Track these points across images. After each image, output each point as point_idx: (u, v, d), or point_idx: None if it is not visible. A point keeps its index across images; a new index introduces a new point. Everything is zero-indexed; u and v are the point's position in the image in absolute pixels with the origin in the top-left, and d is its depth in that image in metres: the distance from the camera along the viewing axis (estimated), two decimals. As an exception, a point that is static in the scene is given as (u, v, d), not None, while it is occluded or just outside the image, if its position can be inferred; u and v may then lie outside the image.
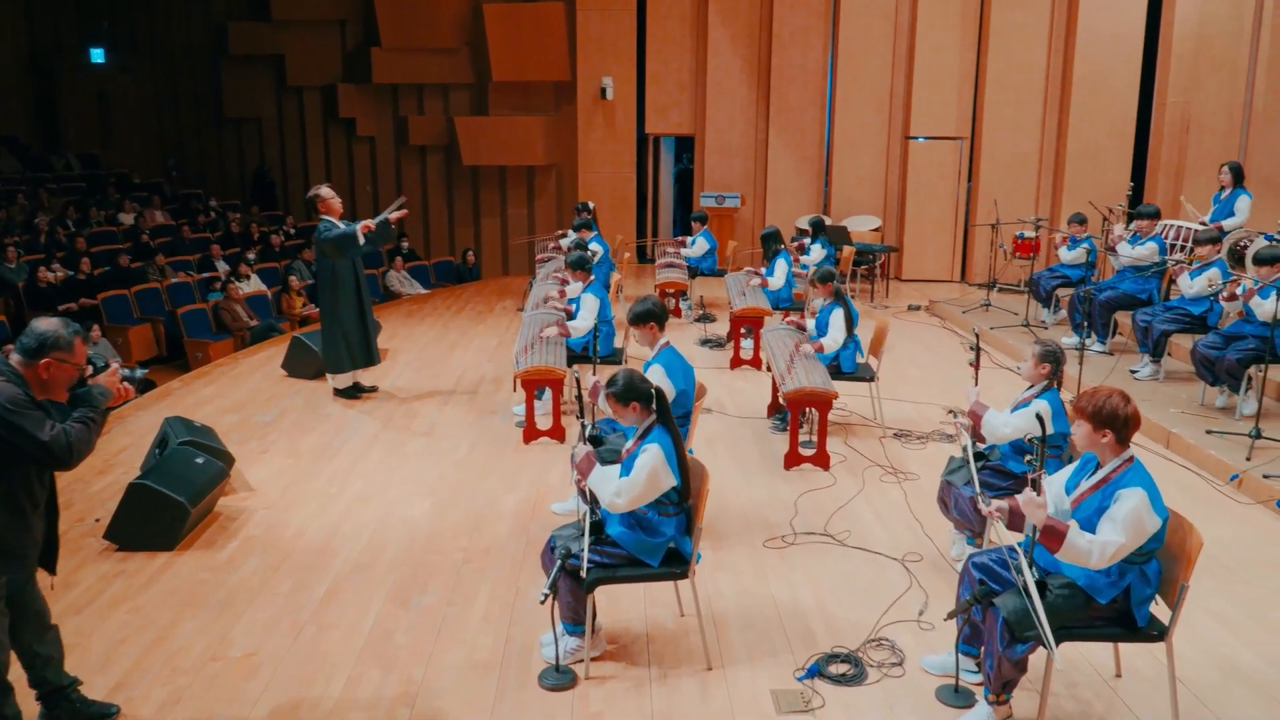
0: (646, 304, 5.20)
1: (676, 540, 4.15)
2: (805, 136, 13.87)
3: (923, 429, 7.20)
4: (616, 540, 4.10)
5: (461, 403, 7.97)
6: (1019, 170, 12.94)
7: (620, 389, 4.10)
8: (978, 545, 4.95)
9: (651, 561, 4.09)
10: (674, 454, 4.08)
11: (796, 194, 14.01)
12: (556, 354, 6.99)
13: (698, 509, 4.12)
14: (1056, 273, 9.89)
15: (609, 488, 4.02)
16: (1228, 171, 9.01)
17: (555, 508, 5.75)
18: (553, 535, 4.25)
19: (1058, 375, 4.79)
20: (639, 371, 4.23)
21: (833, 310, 7.00)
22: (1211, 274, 7.65)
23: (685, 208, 15.72)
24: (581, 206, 11.91)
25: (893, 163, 13.56)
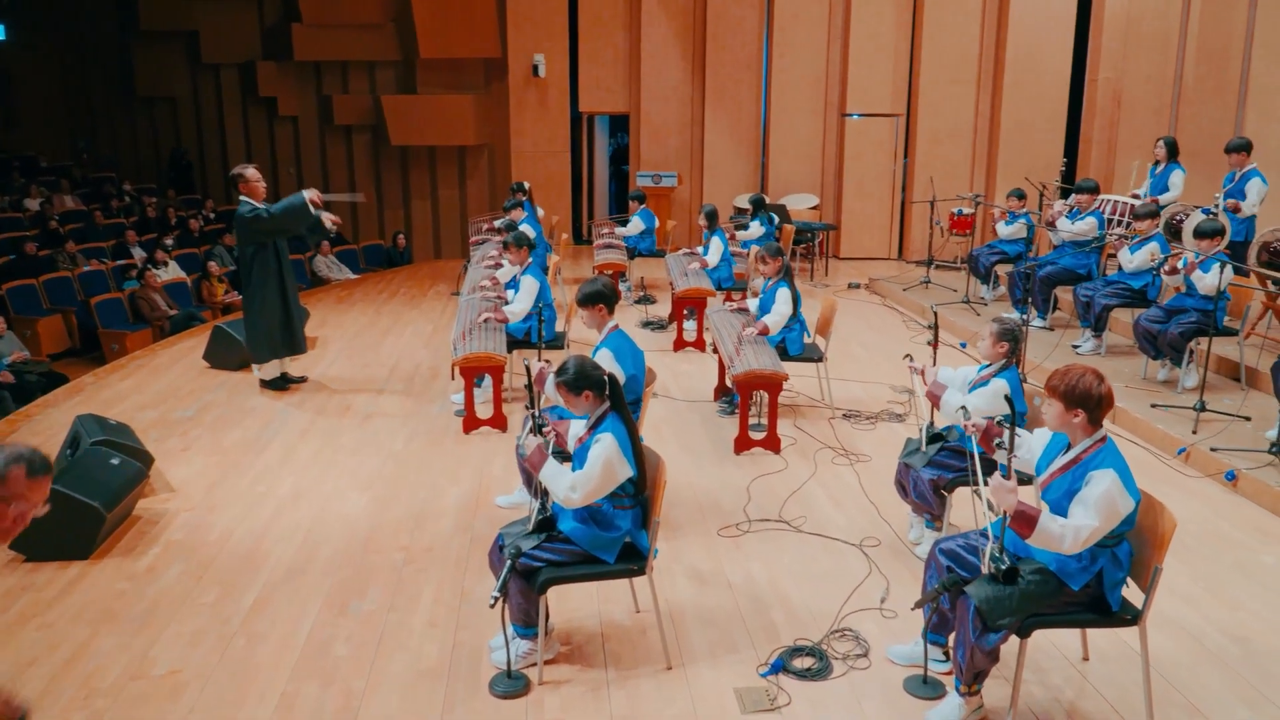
0: (596, 285, 4.96)
1: (633, 534, 3.94)
2: (741, 114, 13.70)
3: (872, 409, 7.10)
4: (570, 536, 3.87)
5: (397, 392, 7.64)
6: (954, 147, 12.95)
7: (571, 377, 3.86)
8: (937, 529, 4.84)
9: (607, 558, 3.87)
10: (629, 443, 3.86)
11: (734, 173, 13.85)
12: (496, 340, 6.71)
13: (655, 500, 3.91)
14: (995, 249, 9.89)
15: (563, 483, 3.78)
16: (1163, 146, 9.07)
17: (500, 501, 5.50)
18: (501, 533, 4.00)
19: (1016, 353, 4.69)
20: (589, 358, 3.99)
21: (779, 289, 6.84)
22: (1151, 248, 7.67)
23: (621, 188, 15.47)
24: (516, 187, 11.59)
25: (829, 140, 13.47)
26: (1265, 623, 4.29)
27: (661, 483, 3.90)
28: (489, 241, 10.79)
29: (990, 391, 4.59)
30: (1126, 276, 7.85)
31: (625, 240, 10.94)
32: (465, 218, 15.01)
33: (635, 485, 3.91)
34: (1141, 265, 7.72)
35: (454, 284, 11.89)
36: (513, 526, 4.03)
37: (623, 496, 3.90)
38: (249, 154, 16.03)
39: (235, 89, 16.09)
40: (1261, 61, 9.07)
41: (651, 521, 3.91)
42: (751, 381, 6.13)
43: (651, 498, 3.96)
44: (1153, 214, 7.72)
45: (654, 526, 3.87)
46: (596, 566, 3.86)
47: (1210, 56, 9.79)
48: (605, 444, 3.78)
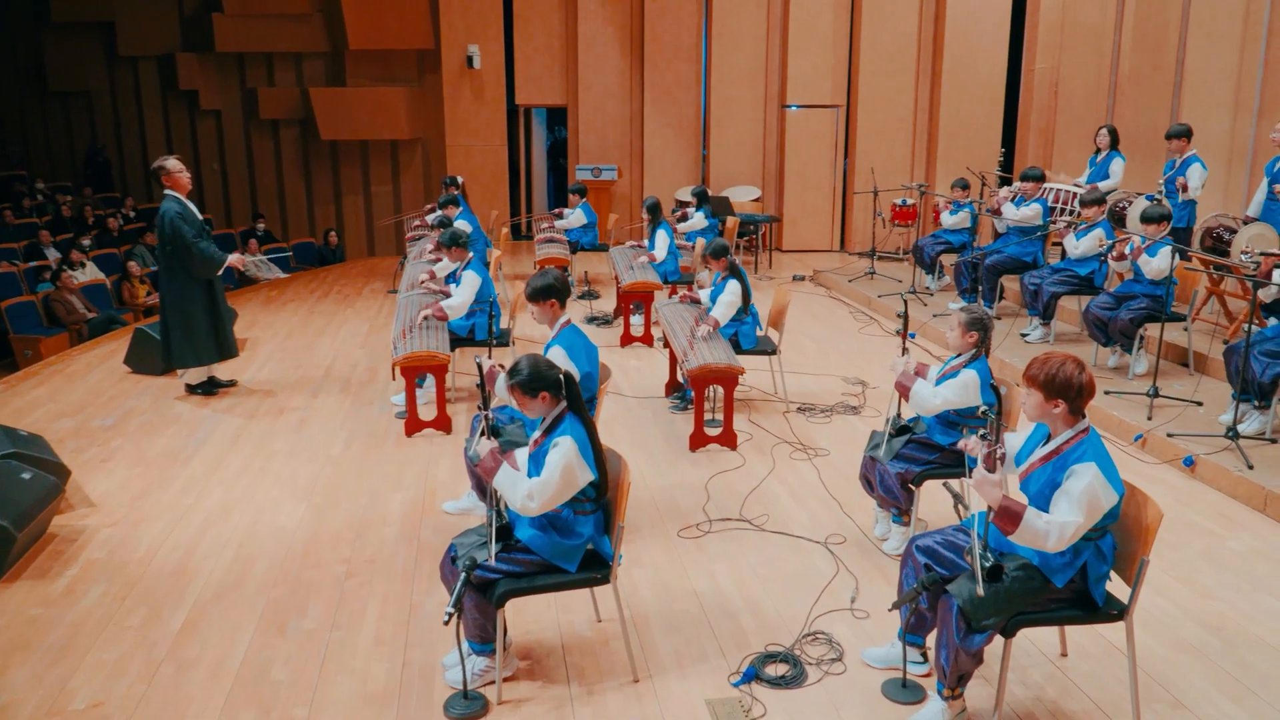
0: (547, 278, 4.70)
1: (595, 541, 3.70)
2: (681, 106, 13.53)
3: (826, 402, 6.96)
4: (528, 545, 3.62)
5: (333, 394, 7.28)
6: (894, 138, 12.94)
7: (526, 377, 3.60)
8: (905, 524, 4.69)
9: (568, 567, 3.63)
10: (589, 446, 3.62)
11: (674, 165, 13.68)
12: (439, 338, 6.41)
13: (618, 504, 3.68)
14: (939, 239, 9.85)
15: (520, 490, 3.52)
16: (1105, 134, 9.10)
17: (447, 507, 5.22)
18: (453, 543, 3.73)
19: (986, 343, 4.56)
20: (543, 356, 3.74)
21: (727, 283, 6.65)
22: (1097, 234, 7.65)
23: (560, 181, 15.21)
24: (449, 181, 11.24)
25: (770, 132, 13.37)
26: (1239, 612, 4.22)
27: (625, 485, 3.66)
28: (425, 237, 10.44)
29: (960, 383, 4.45)
30: (1073, 264, 7.83)
31: (567, 234, 10.69)
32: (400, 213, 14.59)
33: (596, 489, 3.67)
34: (1088, 252, 7.70)
35: (390, 282, 11.51)
36: (465, 536, 3.76)
37: (584, 501, 3.66)
38: (170, 150, 15.36)
39: (154, 82, 15.41)
40: (1197, 49, 9.16)
41: (615, 526, 3.68)
42: (706, 376, 5.94)
43: (614, 501, 3.73)
44: (1098, 201, 7.71)
45: (618, 532, 3.63)
46: (558, 576, 3.62)
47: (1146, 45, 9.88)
48: (564, 448, 3.53)
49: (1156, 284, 6.86)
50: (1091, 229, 7.71)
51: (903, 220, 12.12)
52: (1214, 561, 4.67)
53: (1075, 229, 7.85)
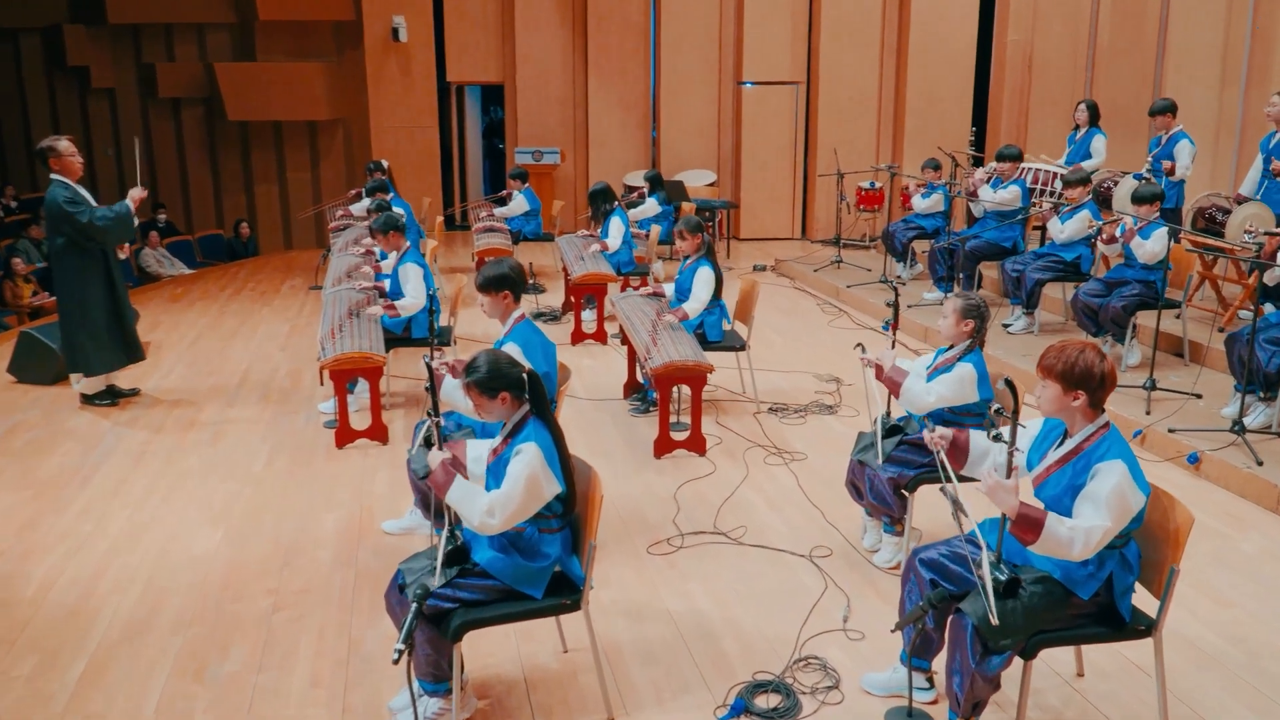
0: (501, 267, 4.51)
1: (563, 562, 3.52)
2: (629, 84, 13.38)
3: (799, 401, 6.86)
4: (487, 569, 3.42)
5: (252, 403, 6.99)
6: (857, 116, 12.93)
7: (484, 375, 3.41)
8: (897, 533, 4.59)
9: (534, 592, 3.44)
10: (555, 453, 3.44)
11: (622, 147, 13.53)
12: (372, 337, 6.17)
13: (588, 520, 3.50)
14: (911, 224, 9.83)
15: (478, 506, 3.33)
16: (1084, 109, 9.16)
17: (388, 527, 5.01)
18: (400, 569, 3.52)
19: (982, 333, 4.48)
20: (503, 352, 3.55)
21: (699, 268, 6.51)
22: (1083, 217, 7.66)
23: (497, 166, 14.99)
24: (375, 166, 10.98)
25: (725, 111, 13.29)
26: (1259, 620, 4.19)
27: (596, 498, 3.49)
28: (351, 227, 10.16)
29: (956, 378, 4.37)
30: (1058, 248, 7.84)
31: (507, 223, 10.47)
32: (320, 202, 14.21)
33: (564, 503, 3.49)
34: (1074, 235, 7.71)
35: (312, 277, 11.19)
36: (414, 560, 3.55)
37: (549, 518, 3.47)
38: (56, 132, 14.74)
39: (38, 58, 14.80)
40: (1180, 18, 9.26)
41: (585, 545, 3.50)
42: (672, 375, 5.79)
43: (583, 517, 3.55)
44: (1083, 181, 7.72)
45: (589, 551, 3.46)
46: (521, 604, 3.43)
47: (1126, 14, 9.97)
48: (528, 456, 3.34)
49: (1150, 269, 6.88)
50: (1077, 211, 7.72)
51: (869, 205, 12.12)
52: (1227, 566, 4.64)
53: (1059, 211, 7.86)
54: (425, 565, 3.50)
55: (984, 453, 3.53)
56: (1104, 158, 9.05)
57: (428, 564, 3.50)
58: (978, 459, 3.55)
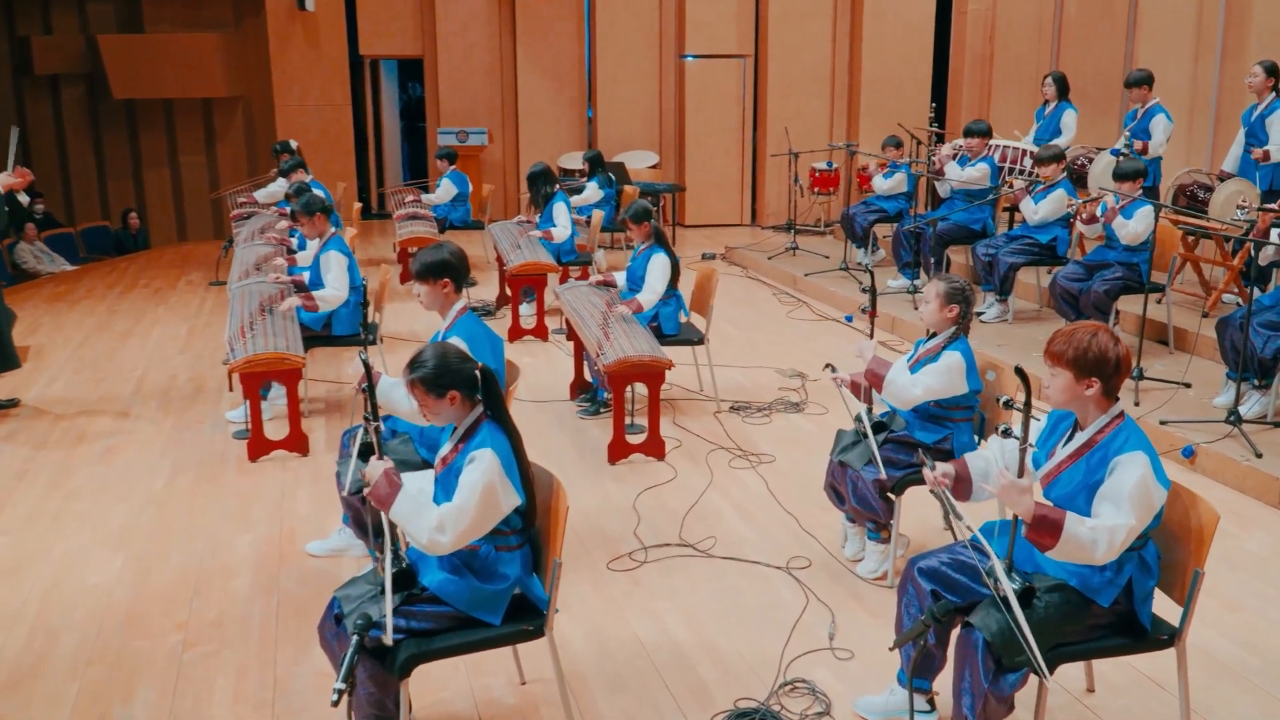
0: (441, 252, 4.34)
1: (523, 583, 3.35)
2: (562, 57, 13.23)
3: (762, 398, 6.79)
4: (438, 594, 3.24)
5: (149, 413, 6.71)
6: (809, 92, 12.93)
7: (431, 372, 3.23)
8: (883, 540, 4.51)
9: (491, 619, 3.27)
10: (514, 460, 3.27)
11: (556, 127, 13.39)
12: (289, 336, 5.94)
13: (552, 535, 3.34)
14: (872, 206, 9.82)
15: (426, 522, 3.14)
16: (1051, 84, 9.23)
17: (313, 549, 4.80)
18: (335, 597, 3.32)
19: (968, 318, 4.42)
20: (453, 345, 3.37)
21: (651, 256, 6.39)
22: (1058, 196, 7.70)
23: (417, 148, 14.77)
24: (282, 147, 10.68)
25: (667, 88, 13.20)
26: (1272, 623, 4.18)
27: (560, 510, 3.33)
28: (257, 215, 9.85)
29: (943, 368, 4.31)
30: (1032, 230, 7.87)
31: (434, 210, 10.25)
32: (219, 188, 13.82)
33: (523, 517, 3.33)
34: (1049, 216, 7.75)
35: (212, 271, 10.84)
36: (351, 586, 3.36)
37: (508, 533, 3.31)
38: (-83, 114, 14.16)
39: (-108, 29, 14.16)
40: (1153, -14, 9.37)
41: (549, 563, 3.34)
42: (626, 372, 5.65)
43: (546, 531, 3.39)
44: (1057, 157, 7.75)
45: (554, 570, 3.29)
46: (478, 632, 3.26)
47: (1094, -18, 10.08)
48: (483, 464, 3.17)
49: (1133, 250, 6.92)
50: (1051, 189, 7.75)
51: (824, 188, 12.11)
52: (1234, 566, 4.65)
53: (1032, 190, 7.89)
54: (366, 591, 3.30)
55: (984, 473, 3.44)
56: (1075, 134, 9.12)
57: (368, 590, 3.30)
58: (980, 481, 3.46)
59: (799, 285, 9.85)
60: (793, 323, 8.78)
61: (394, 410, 4.24)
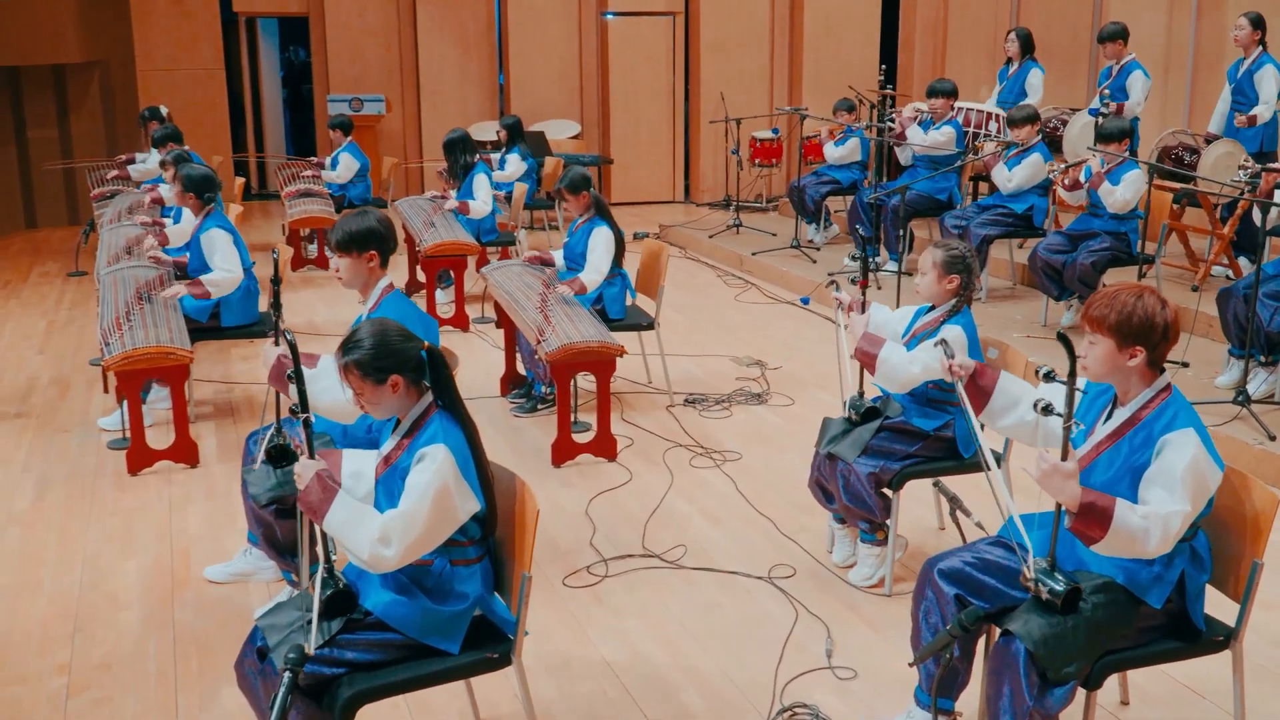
0: (367, 220, 4.11)
1: (484, 603, 3.14)
2: (468, 16, 12.99)
3: (719, 389, 6.66)
4: (384, 619, 3.01)
5: (7, 421, 6.36)
6: (746, 53, 12.85)
7: (370, 352, 2.99)
8: (878, 541, 4.38)
9: (448, 646, 3.05)
10: (471, 458, 3.05)
11: (463, 94, 13.15)
12: (174, 325, 5.63)
13: (517, 544, 3.13)
14: (824, 177, 9.75)
15: (367, 532, 2.91)
16: (1014, 40, 9.27)
17: (212, 574, 4.54)
18: (258, 628, 3.07)
19: (969, 289, 4.33)
20: (393, 323, 3.14)
21: (592, 230, 6.21)
22: (1034, 162, 7.70)
23: (301, 118, 14.43)
24: (151, 114, 10.25)
25: (588, 49, 13.03)
26: (1312, 621, 4.15)
27: (528, 513, 3.13)
28: (122, 194, 9.42)
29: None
30: (1005, 200, 7.86)
31: (329, 187, 9.92)
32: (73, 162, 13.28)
33: (483, 524, 3.12)
34: (1024, 183, 7.75)
35: (70, 260, 10.36)
36: (275, 614, 3.10)
37: (464, 544, 3.09)
38: None
39: None
40: (1124, -68, 9.46)
41: (515, 577, 3.12)
42: (572, 361, 5.45)
43: (511, 541, 3.18)
44: (1031, 118, 7.75)
45: (522, 586, 3.07)
46: (433, 662, 3.03)
47: (1060, -71, 10.16)
48: (435, 462, 2.95)
49: (1121, 218, 6.93)
50: (1026, 154, 7.75)
51: (765, 159, 12.04)
52: (1260, 560, 4.61)
53: (1004, 156, 7.88)
54: (294, 619, 3.05)
55: (1013, 401, 3.38)
56: (1042, 95, 9.16)
57: (297, 617, 3.05)
58: (1003, 408, 3.40)
59: (745, 265, 9.75)
60: (743, 306, 8.68)
61: (312, 406, 3.97)
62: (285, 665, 2.73)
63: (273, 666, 2.96)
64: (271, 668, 2.96)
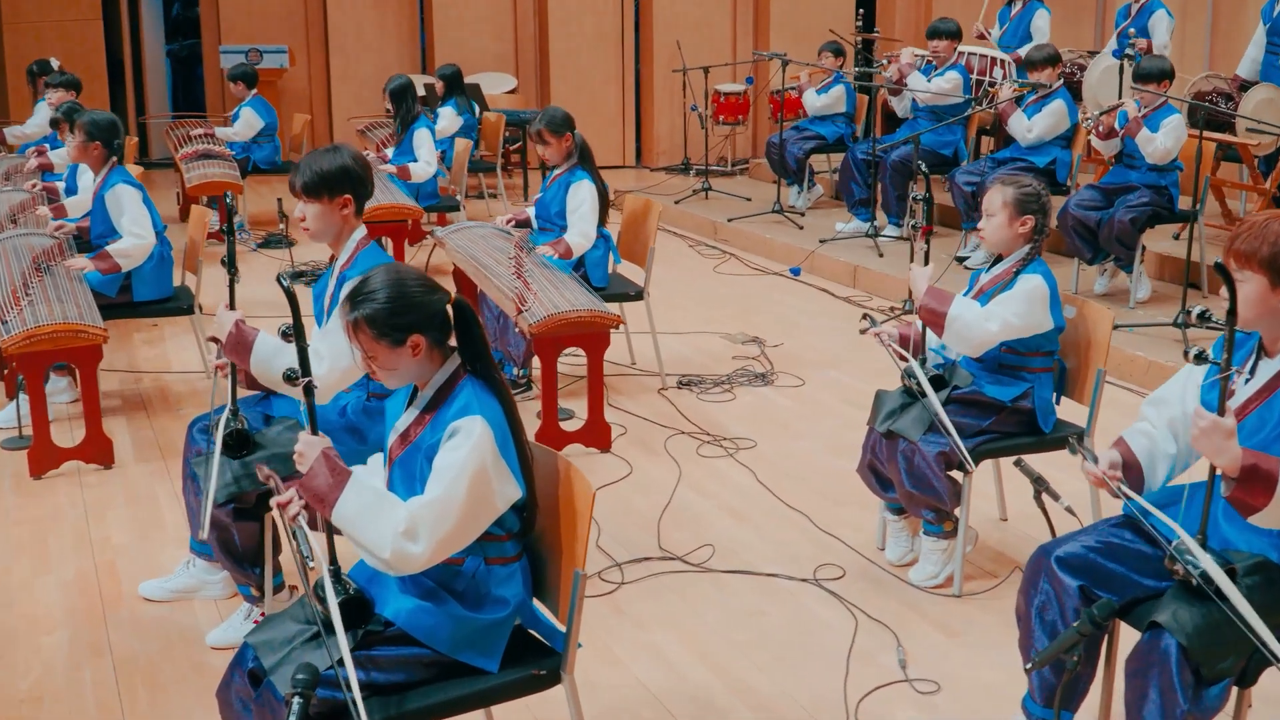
0: (340, 157, 3.85)
1: (524, 609, 2.91)
2: (383, -49, 12.74)
3: (717, 370, 6.54)
4: (407, 629, 2.76)
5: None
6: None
7: (386, 306, 2.75)
8: (945, 532, 4.22)
9: (486, 663, 2.82)
10: (510, 434, 2.82)
11: (380, 44, 12.96)
12: (82, 299, 5.35)
13: (569, 536, 2.91)
14: (807, 132, 9.64)
15: (389, 525, 2.66)
16: (1017, -23, 9.26)
17: (149, 591, 4.27)
18: (249, 646, 2.81)
19: (1044, 233, 4.21)
20: (410, 269, 2.90)
21: (573, 182, 6.04)
22: (1056, 109, 7.64)
23: (188, 73, 14.20)
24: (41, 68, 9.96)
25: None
26: None
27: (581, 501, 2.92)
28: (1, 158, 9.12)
29: (1022, 294, 4.09)
30: (1025, 152, 7.81)
31: (231, 147, 9.60)
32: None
33: (523, 516, 2.89)
34: (1046, 134, 7.70)
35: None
36: (269, 629, 2.84)
37: (502, 539, 2.86)
38: None
39: None
40: None
41: (564, 576, 2.89)
42: (560, 335, 5.24)
43: (552, 533, 2.96)
44: (1052, 59, 7.72)
45: (575, 586, 2.84)
46: (467, 683, 2.79)
47: None
48: (471, 438, 2.71)
49: (1161, 170, 6.88)
50: (1047, 101, 7.69)
51: (731, 115, 11.86)
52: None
53: (1022, 103, 7.81)
54: (295, 634, 2.79)
55: (1150, 454, 3.21)
56: (1049, 38, 9.13)
57: (298, 631, 2.79)
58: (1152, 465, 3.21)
59: (720, 234, 9.62)
60: (723, 278, 8.59)
61: (277, 382, 3.72)
62: (294, 689, 2.49)
63: (273, 692, 2.69)
64: (272, 694, 2.69)
